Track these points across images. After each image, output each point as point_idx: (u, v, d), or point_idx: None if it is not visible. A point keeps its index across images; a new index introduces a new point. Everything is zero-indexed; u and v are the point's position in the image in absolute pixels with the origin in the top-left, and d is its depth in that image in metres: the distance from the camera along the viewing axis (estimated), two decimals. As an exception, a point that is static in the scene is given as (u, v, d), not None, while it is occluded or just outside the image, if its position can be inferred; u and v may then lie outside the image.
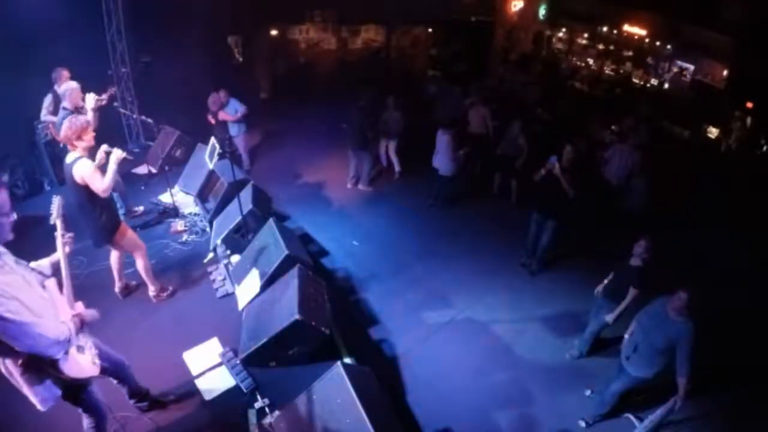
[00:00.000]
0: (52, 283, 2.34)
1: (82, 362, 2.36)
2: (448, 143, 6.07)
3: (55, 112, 5.25)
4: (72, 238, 2.55)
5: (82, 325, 2.38)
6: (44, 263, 2.48)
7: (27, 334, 2.00)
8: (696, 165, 8.98)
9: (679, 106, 11.50)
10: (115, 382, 2.93)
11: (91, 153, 3.52)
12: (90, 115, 4.31)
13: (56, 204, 2.58)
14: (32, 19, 6.05)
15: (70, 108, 4.58)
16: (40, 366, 2.17)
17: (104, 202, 3.62)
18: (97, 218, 3.63)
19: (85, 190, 3.46)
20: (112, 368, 2.79)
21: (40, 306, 2.11)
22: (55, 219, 2.55)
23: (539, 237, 5.17)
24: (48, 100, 5.32)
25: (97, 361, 2.51)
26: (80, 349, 2.38)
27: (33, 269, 2.31)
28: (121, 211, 5.18)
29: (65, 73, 5.15)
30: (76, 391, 2.42)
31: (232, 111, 6.66)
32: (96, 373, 2.48)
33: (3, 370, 2.17)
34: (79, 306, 2.44)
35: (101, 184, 3.40)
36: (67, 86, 4.62)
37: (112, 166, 3.46)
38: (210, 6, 9.09)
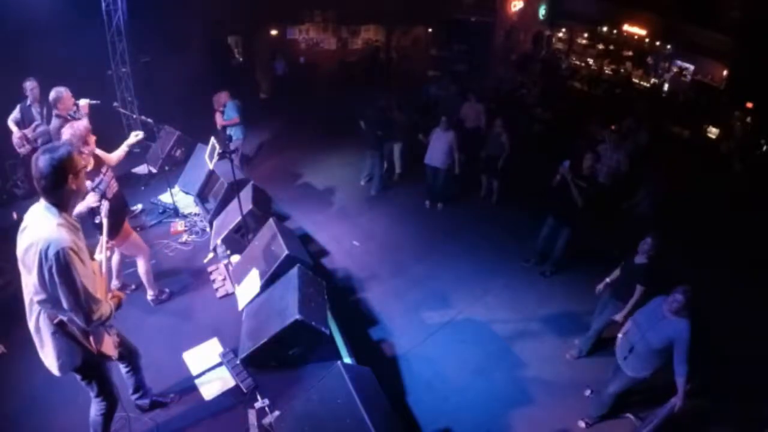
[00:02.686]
0: (95, 265, 2.42)
1: (108, 341, 2.44)
2: (451, 141, 6.08)
3: (21, 123, 5.22)
4: (114, 246, 2.74)
5: (119, 307, 2.45)
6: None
7: (80, 301, 2.06)
8: (696, 165, 8.99)
9: (679, 106, 11.51)
10: (124, 371, 2.95)
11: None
12: (85, 121, 4.22)
13: (105, 206, 2.81)
14: (32, 19, 6.05)
15: (63, 114, 4.54)
16: (72, 330, 2.23)
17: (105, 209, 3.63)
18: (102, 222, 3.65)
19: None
20: (126, 352, 2.84)
21: (92, 281, 2.19)
22: (102, 218, 2.75)
23: (551, 240, 5.18)
24: (16, 110, 5.25)
25: (117, 347, 2.59)
26: (109, 329, 2.48)
27: None
28: None
29: (27, 84, 5.18)
30: (94, 366, 2.46)
31: (227, 116, 6.56)
32: (115, 356, 2.55)
33: (32, 326, 2.23)
34: (116, 291, 2.55)
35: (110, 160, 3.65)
36: (56, 92, 4.52)
37: (124, 147, 3.80)
38: (210, 6, 9.09)
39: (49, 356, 2.27)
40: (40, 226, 2.03)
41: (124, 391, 3.04)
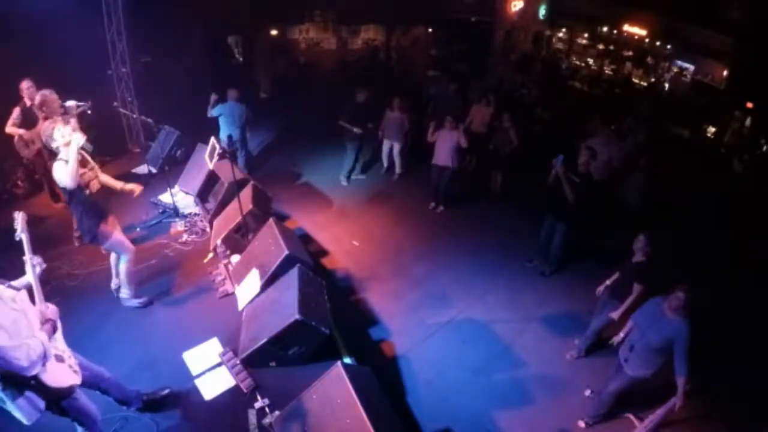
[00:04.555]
0: (22, 295, 2.31)
1: (61, 372, 2.32)
2: (456, 141, 6.09)
3: (24, 125, 5.13)
4: (41, 262, 2.49)
5: (54, 330, 2.35)
6: (14, 284, 2.40)
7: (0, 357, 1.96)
8: (696, 164, 8.98)
9: (679, 106, 11.51)
10: (98, 393, 2.87)
11: None
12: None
13: (20, 219, 2.51)
14: (32, 19, 6.05)
15: (51, 117, 4.49)
16: (20, 380, 2.12)
17: (83, 198, 3.57)
18: (80, 214, 3.62)
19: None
20: (92, 379, 2.73)
21: (12, 323, 2.08)
22: (20, 234, 2.48)
23: (551, 239, 5.18)
24: (15, 113, 5.14)
25: (78, 370, 2.48)
26: (59, 358, 2.35)
27: (2, 282, 2.27)
28: None
29: (23, 85, 5.05)
30: (59, 401, 2.38)
31: (216, 111, 6.44)
32: (78, 382, 2.44)
33: None
34: (52, 310, 2.40)
35: (65, 177, 3.31)
36: (41, 96, 4.50)
37: (71, 155, 3.31)
38: (210, 6, 9.10)
39: (12, 410, 2.18)
40: None
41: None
